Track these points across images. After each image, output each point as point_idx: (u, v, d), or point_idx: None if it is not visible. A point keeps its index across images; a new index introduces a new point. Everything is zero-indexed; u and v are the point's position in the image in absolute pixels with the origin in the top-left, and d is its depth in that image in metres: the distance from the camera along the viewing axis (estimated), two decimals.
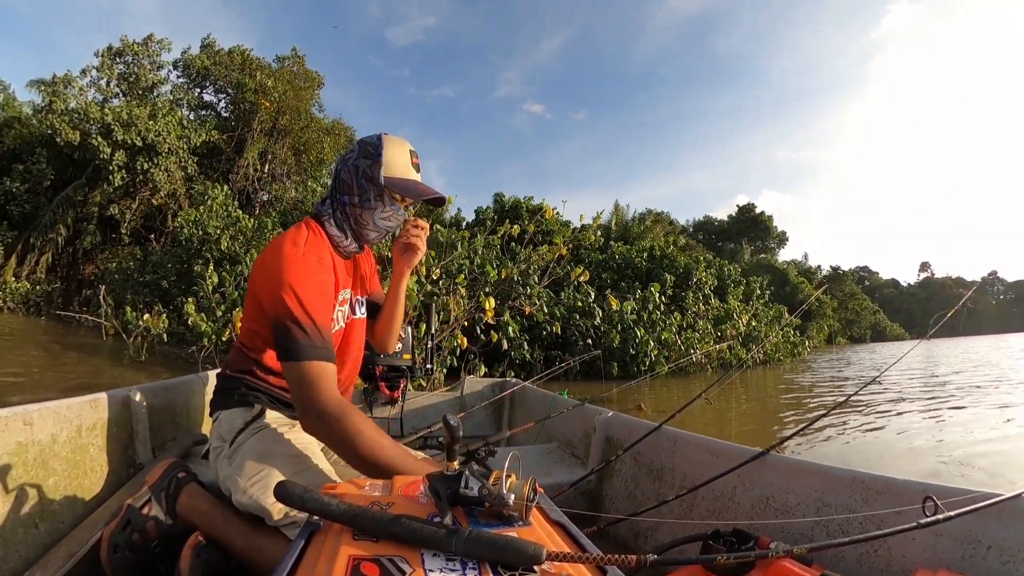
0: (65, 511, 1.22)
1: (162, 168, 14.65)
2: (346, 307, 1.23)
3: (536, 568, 0.47)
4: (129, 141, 13.92)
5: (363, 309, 1.34)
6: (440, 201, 1.18)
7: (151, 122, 14.38)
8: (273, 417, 1.13)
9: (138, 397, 1.60)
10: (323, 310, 1.04)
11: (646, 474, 1.56)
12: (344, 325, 1.23)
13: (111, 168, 14.15)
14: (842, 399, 4.97)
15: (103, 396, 1.47)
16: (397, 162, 1.14)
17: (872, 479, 0.95)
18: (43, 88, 15.67)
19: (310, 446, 1.11)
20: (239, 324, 1.33)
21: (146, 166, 14.43)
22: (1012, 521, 0.76)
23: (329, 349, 1.01)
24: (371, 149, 1.14)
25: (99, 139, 13.85)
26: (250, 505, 0.96)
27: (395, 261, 1.31)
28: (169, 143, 14.67)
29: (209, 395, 1.24)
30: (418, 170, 1.19)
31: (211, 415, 1.19)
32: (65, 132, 13.98)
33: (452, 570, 0.45)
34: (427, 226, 1.28)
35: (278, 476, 0.97)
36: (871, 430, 5.01)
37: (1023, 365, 12.74)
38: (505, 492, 0.61)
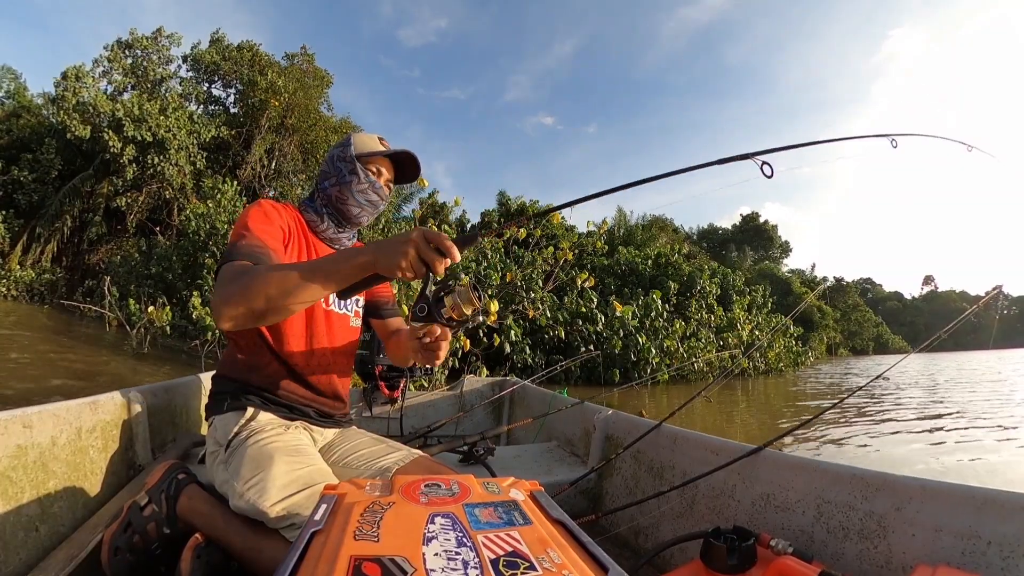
0: (65, 513, 1.21)
1: (172, 163, 14.69)
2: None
3: (537, 567, 0.47)
4: (140, 137, 13.95)
5: (348, 306, 1.34)
6: (414, 164, 1.29)
7: (162, 117, 14.41)
8: (267, 419, 1.14)
9: (137, 399, 1.60)
10: (268, 235, 1.10)
11: (646, 472, 1.56)
12: (322, 308, 1.25)
13: (121, 162, 14.18)
14: (836, 401, 5.21)
15: (103, 398, 1.46)
16: (366, 143, 1.28)
17: (871, 475, 0.95)
18: (64, 81, 15.64)
19: (306, 447, 1.11)
20: None
21: (156, 160, 14.47)
22: (1012, 516, 0.76)
23: (258, 257, 1.01)
24: (344, 140, 1.30)
25: (109, 133, 13.89)
26: (247, 509, 0.96)
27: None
28: (180, 139, 14.70)
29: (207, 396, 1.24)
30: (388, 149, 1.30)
31: (206, 419, 1.20)
32: (76, 128, 14.00)
33: (454, 570, 0.46)
34: (447, 335, 1.05)
35: (274, 479, 0.97)
36: (864, 444, 5.03)
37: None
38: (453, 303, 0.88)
